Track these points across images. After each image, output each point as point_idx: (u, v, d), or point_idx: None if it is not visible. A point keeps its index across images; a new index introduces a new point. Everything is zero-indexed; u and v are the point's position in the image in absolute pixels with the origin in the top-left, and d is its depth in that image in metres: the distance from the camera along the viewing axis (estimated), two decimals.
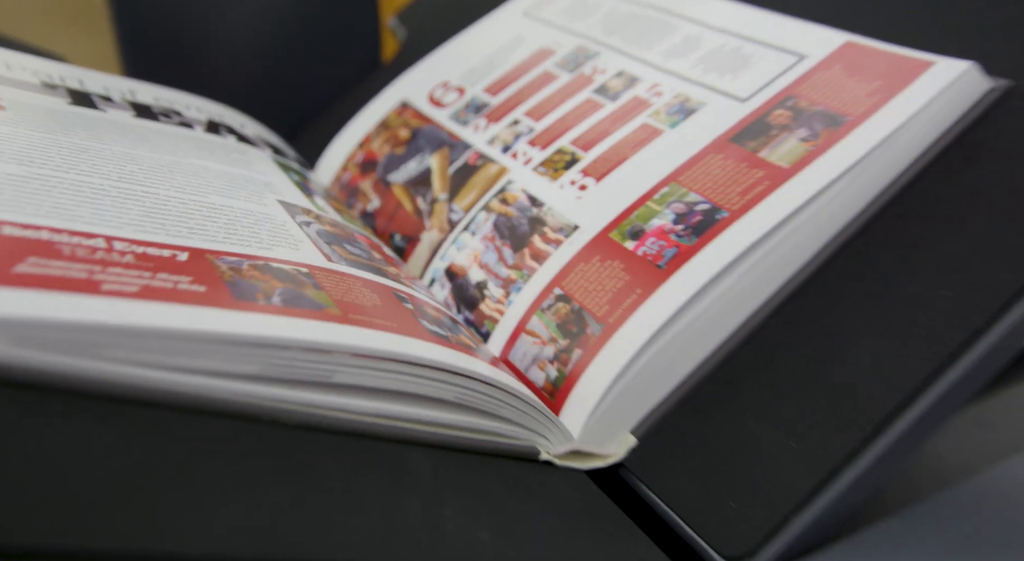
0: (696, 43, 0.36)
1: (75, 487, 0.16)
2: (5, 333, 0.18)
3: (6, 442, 0.16)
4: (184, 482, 0.17)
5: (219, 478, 0.18)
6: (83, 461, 0.17)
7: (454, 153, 0.38)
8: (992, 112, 0.29)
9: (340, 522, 0.19)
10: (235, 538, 0.17)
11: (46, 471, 0.16)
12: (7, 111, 0.29)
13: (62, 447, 0.17)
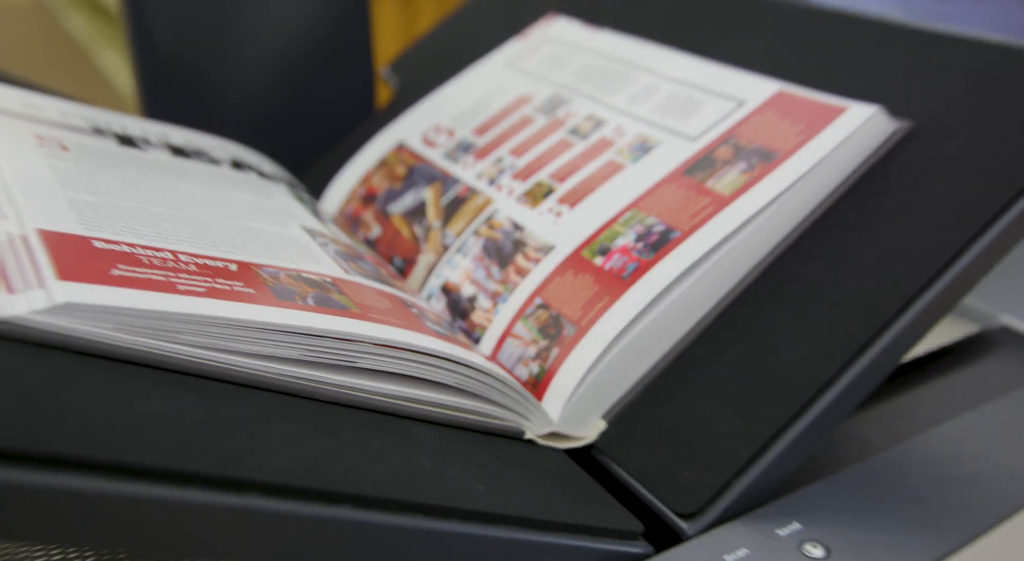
0: (653, 91, 0.42)
1: (164, 433, 0.21)
2: (110, 320, 0.23)
3: (117, 399, 0.21)
4: (246, 434, 0.22)
5: (272, 432, 0.23)
6: (168, 416, 0.22)
7: (446, 187, 0.43)
8: (897, 148, 0.35)
9: (368, 467, 0.24)
10: (288, 471, 0.22)
11: (146, 422, 0.21)
12: (71, 151, 0.34)
13: (154, 407, 0.22)
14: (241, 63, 0.55)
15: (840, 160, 0.35)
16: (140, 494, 0.19)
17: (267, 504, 0.21)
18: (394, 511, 0.23)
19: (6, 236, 0.25)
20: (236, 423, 0.23)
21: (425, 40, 0.60)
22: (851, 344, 0.30)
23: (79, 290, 0.23)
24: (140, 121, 0.42)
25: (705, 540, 0.29)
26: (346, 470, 0.23)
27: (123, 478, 0.19)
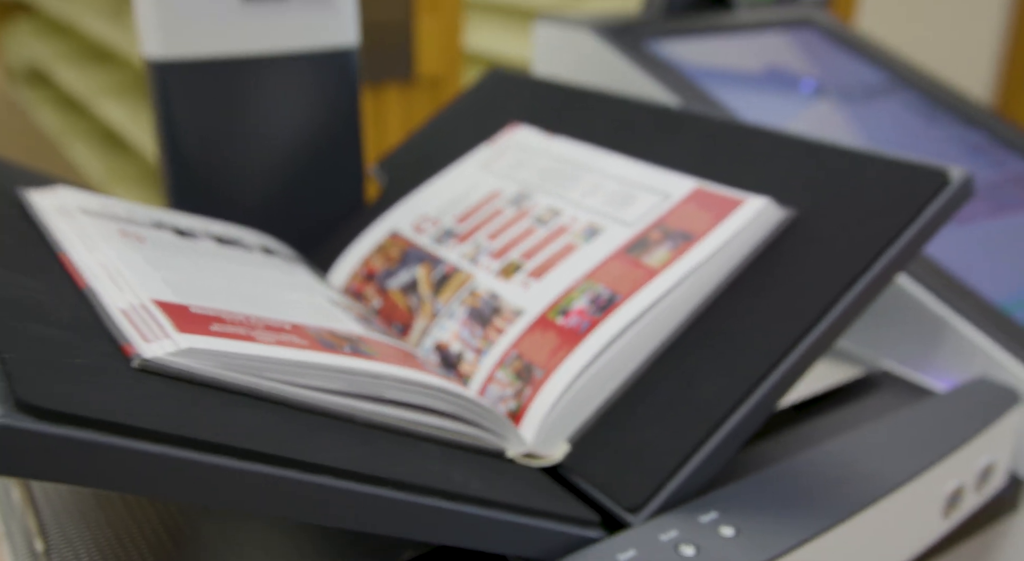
0: (599, 187, 0.53)
1: (263, 433, 0.30)
2: (215, 361, 0.32)
3: (237, 414, 0.30)
4: (308, 438, 0.32)
5: (325, 440, 0.32)
6: (263, 423, 0.31)
7: (435, 266, 0.53)
8: (784, 231, 0.46)
9: (395, 465, 0.33)
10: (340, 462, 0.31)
11: (249, 425, 0.30)
12: (147, 242, 0.44)
13: (252, 418, 0.31)
14: (251, 165, 0.65)
15: (741, 240, 0.46)
16: (250, 469, 0.28)
17: (328, 482, 0.30)
18: (418, 494, 0.32)
19: (130, 304, 0.34)
20: (305, 430, 0.32)
21: (408, 144, 0.71)
22: (751, 378, 0.41)
23: (194, 340, 0.32)
24: (183, 216, 0.52)
25: (645, 526, 0.38)
26: (382, 465, 0.32)
27: (241, 458, 0.28)
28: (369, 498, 0.31)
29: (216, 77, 0.62)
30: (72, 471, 0.25)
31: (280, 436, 0.30)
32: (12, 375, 0.25)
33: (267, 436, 0.29)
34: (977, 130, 0.76)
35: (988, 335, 0.52)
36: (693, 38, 0.82)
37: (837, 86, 0.80)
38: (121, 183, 2.77)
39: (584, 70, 0.78)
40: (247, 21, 0.62)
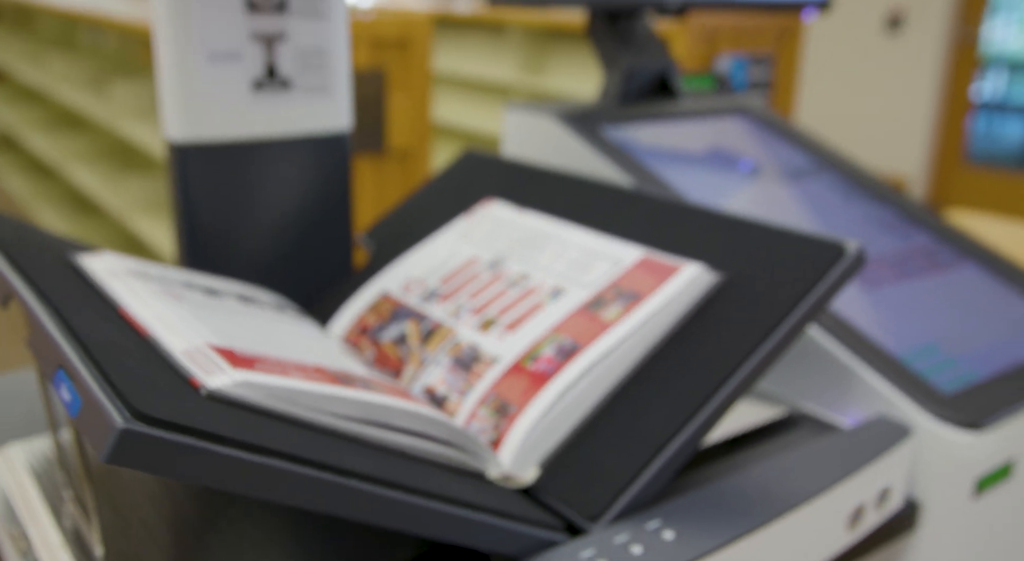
0: (562, 255, 0.63)
1: (304, 445, 0.39)
2: (262, 392, 0.41)
3: (275, 432, 0.39)
4: (338, 451, 0.40)
5: (349, 453, 0.41)
6: (303, 439, 0.39)
7: (422, 322, 0.62)
8: (715, 291, 0.56)
9: (404, 475, 0.42)
10: (365, 469, 0.39)
11: (297, 440, 0.39)
12: (185, 299, 0.52)
13: (294, 438, 0.39)
14: (256, 232, 0.74)
15: (680, 300, 0.55)
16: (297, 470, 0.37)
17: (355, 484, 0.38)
18: (422, 497, 0.41)
19: (190, 347, 0.43)
20: (333, 445, 0.40)
21: (392, 216, 0.80)
22: (686, 413, 0.50)
23: (246, 375, 0.40)
24: (212, 278, 0.60)
25: (602, 532, 0.47)
26: (395, 474, 0.41)
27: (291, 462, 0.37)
28: (386, 499, 0.39)
29: (228, 157, 0.72)
30: (170, 465, 0.33)
31: (317, 447, 0.39)
32: (124, 394, 0.34)
33: (308, 446, 0.38)
34: (887, 207, 0.88)
35: (887, 381, 0.62)
36: (644, 124, 0.93)
37: (770, 167, 0.92)
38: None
39: (549, 152, 0.89)
40: (257, 109, 0.72)
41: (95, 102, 3.09)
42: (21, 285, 0.44)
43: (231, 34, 0.69)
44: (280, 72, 0.72)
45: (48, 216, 3.81)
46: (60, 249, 0.57)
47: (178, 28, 0.67)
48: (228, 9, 0.68)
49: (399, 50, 2.13)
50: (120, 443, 0.31)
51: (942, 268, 0.80)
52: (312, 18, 0.73)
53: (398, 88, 2.12)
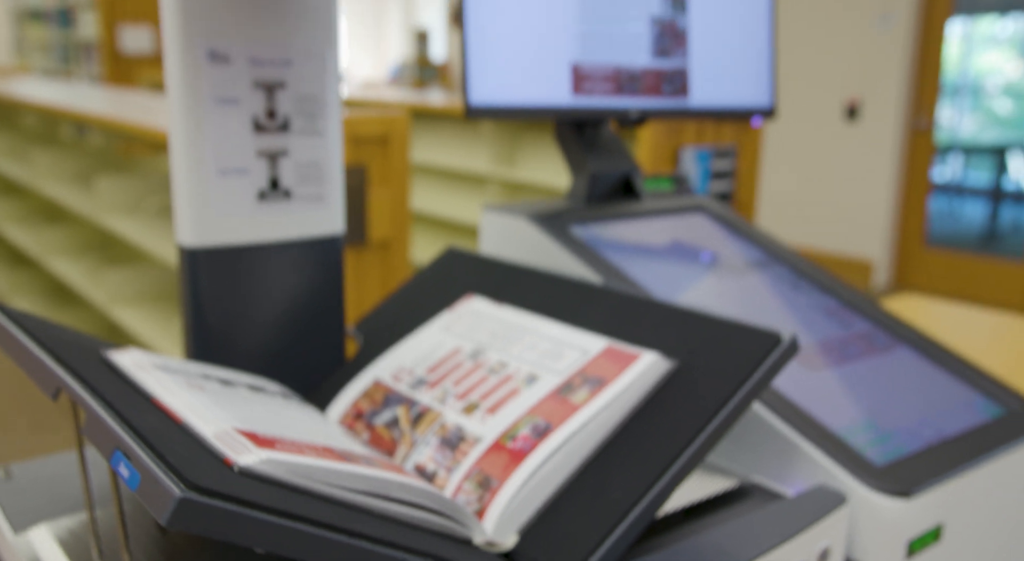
0: (536, 345, 0.71)
1: (321, 511, 0.46)
2: (283, 468, 0.48)
3: (297, 501, 0.46)
4: (348, 517, 0.47)
5: (358, 520, 0.48)
6: (319, 506, 0.46)
7: (411, 407, 0.69)
8: (669, 377, 0.64)
9: (401, 539, 0.48)
10: (375, 533, 0.46)
11: (314, 507, 0.46)
12: (206, 389, 0.59)
13: (312, 506, 0.46)
14: (259, 325, 0.82)
15: (638, 385, 0.63)
16: (317, 533, 0.44)
17: (365, 545, 0.45)
18: (418, 556, 0.48)
19: (219, 431, 0.50)
20: (344, 512, 0.47)
21: (379, 310, 0.88)
22: (646, 483, 0.57)
23: (269, 454, 0.48)
24: (223, 370, 0.67)
25: None
26: (394, 538, 0.48)
27: (314, 526, 0.44)
28: (390, 558, 0.46)
29: (234, 259, 0.80)
30: (218, 527, 0.40)
31: (332, 514, 0.46)
32: (178, 469, 0.41)
33: (324, 513, 0.45)
34: (831, 296, 0.97)
35: (826, 454, 0.70)
36: (610, 222, 1.02)
37: (726, 259, 1.01)
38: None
39: (523, 249, 0.98)
40: (260, 216, 0.80)
41: (78, 196, 3.18)
42: (71, 380, 0.51)
43: (240, 152, 0.78)
44: (282, 183, 0.81)
45: (23, 304, 3.84)
46: (90, 345, 0.64)
47: (193, 147, 0.76)
48: (238, 130, 0.77)
49: (380, 146, 2.24)
50: (178, 510, 0.38)
51: (879, 351, 0.89)
52: (311, 136, 0.82)
53: (378, 182, 2.23)
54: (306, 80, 0.80)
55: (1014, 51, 5.45)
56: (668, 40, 1.11)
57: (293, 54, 0.79)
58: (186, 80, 0.74)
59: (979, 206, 5.79)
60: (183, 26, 0.73)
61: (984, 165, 5.83)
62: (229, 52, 0.75)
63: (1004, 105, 5.61)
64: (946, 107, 5.44)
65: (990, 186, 5.70)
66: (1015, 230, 5.32)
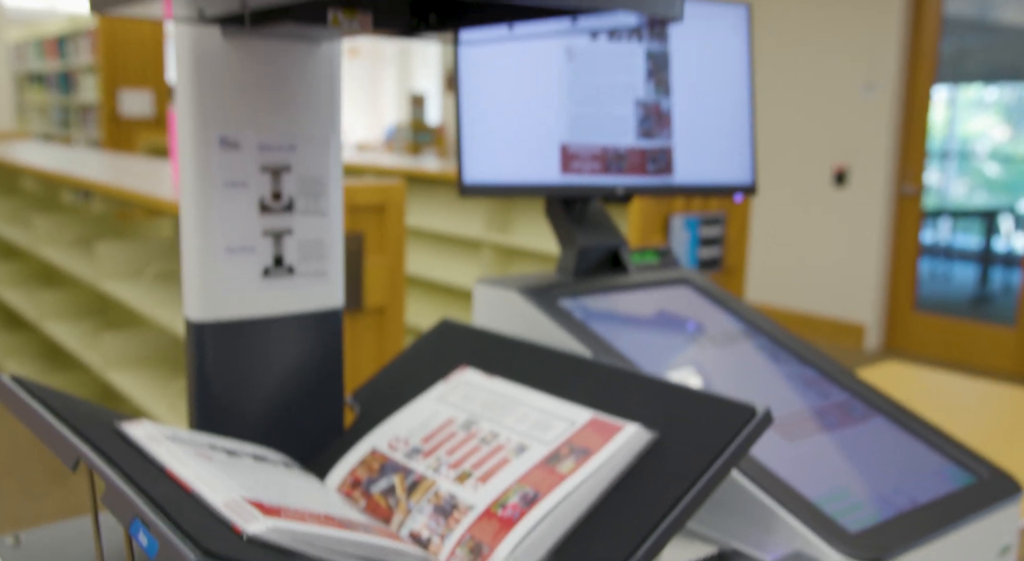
0: (526, 416, 0.75)
1: None
2: (288, 535, 0.51)
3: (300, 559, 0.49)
4: None
5: None
6: None
7: (407, 475, 0.73)
8: (650, 448, 0.68)
9: None
10: None
11: None
12: (214, 460, 0.63)
13: None
14: (263, 395, 0.85)
15: (621, 455, 0.67)
16: None
17: None
18: None
19: (228, 500, 0.53)
20: None
21: (375, 379, 0.92)
22: (629, 549, 0.61)
23: (275, 522, 0.51)
24: (228, 440, 0.71)
25: None
26: None
27: None
28: None
29: (239, 333, 0.84)
30: None
31: None
32: (193, 537, 0.44)
33: None
34: (809, 367, 1.01)
35: (802, 522, 0.74)
36: (598, 295, 1.07)
37: (709, 331, 1.06)
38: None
39: (514, 321, 1.02)
40: (265, 292, 0.85)
41: (78, 260, 3.23)
42: (90, 452, 0.55)
43: (247, 231, 0.82)
44: (286, 260, 0.85)
45: (14, 367, 3.86)
46: (104, 417, 0.67)
47: (203, 227, 0.80)
48: (246, 211, 0.82)
49: (376, 213, 2.30)
50: None
51: (855, 421, 0.93)
52: (314, 215, 0.87)
53: (375, 249, 2.28)
54: (310, 163, 0.86)
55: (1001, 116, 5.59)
56: (653, 122, 1.17)
57: (298, 139, 0.84)
58: (198, 165, 0.79)
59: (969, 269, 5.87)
60: (197, 115, 0.79)
61: (974, 228, 5.93)
62: (239, 139, 0.80)
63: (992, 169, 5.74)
64: (935, 171, 5.56)
65: (980, 249, 5.79)
66: (1005, 293, 5.39)
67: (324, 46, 0.84)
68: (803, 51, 5.43)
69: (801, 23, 5.42)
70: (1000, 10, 5.20)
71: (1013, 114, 5.51)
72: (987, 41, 5.23)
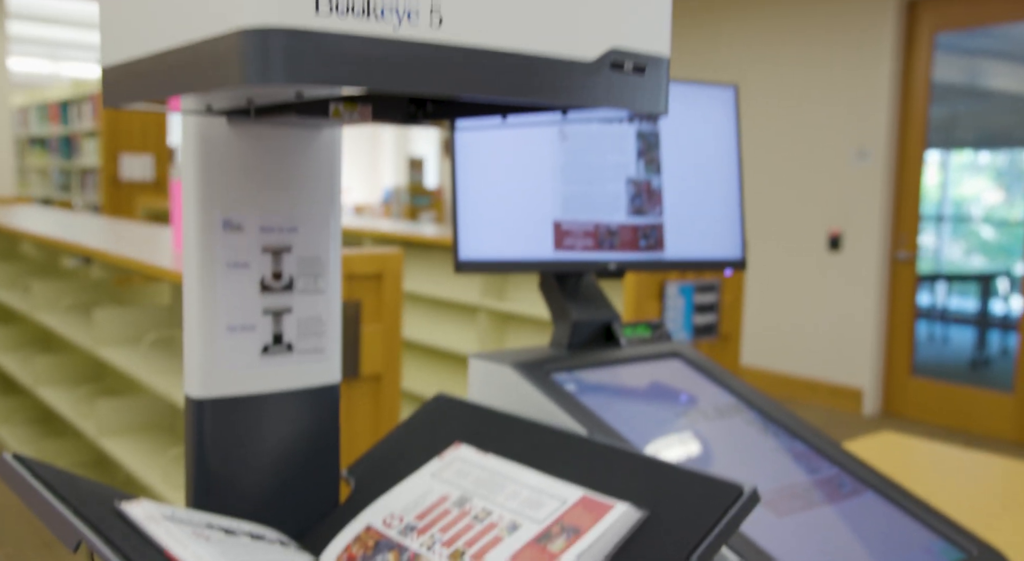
0: (518, 494, 0.76)
1: None
2: None
3: None
4: None
5: None
6: None
7: (401, 552, 0.74)
8: (640, 526, 0.69)
9: None
10: None
11: None
12: (212, 539, 0.64)
13: None
14: (260, 470, 0.87)
15: (611, 533, 0.68)
16: None
17: None
18: None
19: None
20: None
21: (370, 453, 0.94)
22: None
23: None
24: (226, 519, 0.72)
25: None
26: None
27: None
28: None
29: (237, 409, 0.85)
30: None
31: None
32: None
33: None
34: (799, 441, 1.03)
35: None
36: (591, 369, 1.09)
37: (700, 404, 1.07)
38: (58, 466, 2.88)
39: (508, 396, 1.04)
40: (264, 369, 0.86)
41: (75, 326, 3.24)
42: (91, 535, 0.56)
43: (248, 310, 0.85)
44: (285, 338, 0.87)
45: (11, 435, 3.84)
46: (104, 495, 0.69)
47: (206, 306, 0.83)
48: (247, 290, 0.84)
49: (374, 282, 2.32)
50: None
51: (844, 496, 0.94)
52: (313, 293, 0.89)
53: (371, 318, 2.30)
54: (310, 243, 0.88)
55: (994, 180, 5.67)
56: (644, 199, 1.21)
57: (299, 221, 0.87)
58: (202, 247, 0.82)
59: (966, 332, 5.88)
60: (202, 198, 0.82)
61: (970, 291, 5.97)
62: (242, 221, 0.83)
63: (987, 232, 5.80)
64: (930, 233, 5.62)
65: (977, 312, 5.81)
66: (1003, 358, 5.40)
67: (325, 131, 0.87)
68: (795, 118, 5.54)
69: (793, 91, 5.54)
70: (989, 77, 5.32)
71: (1006, 178, 5.60)
72: (978, 107, 5.35)
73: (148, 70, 0.58)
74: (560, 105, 0.63)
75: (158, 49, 0.56)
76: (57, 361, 3.58)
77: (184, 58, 0.53)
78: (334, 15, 0.46)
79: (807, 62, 5.45)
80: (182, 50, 0.53)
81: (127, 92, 0.62)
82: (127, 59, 0.62)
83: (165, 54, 0.55)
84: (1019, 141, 5.07)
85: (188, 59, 0.52)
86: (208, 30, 0.49)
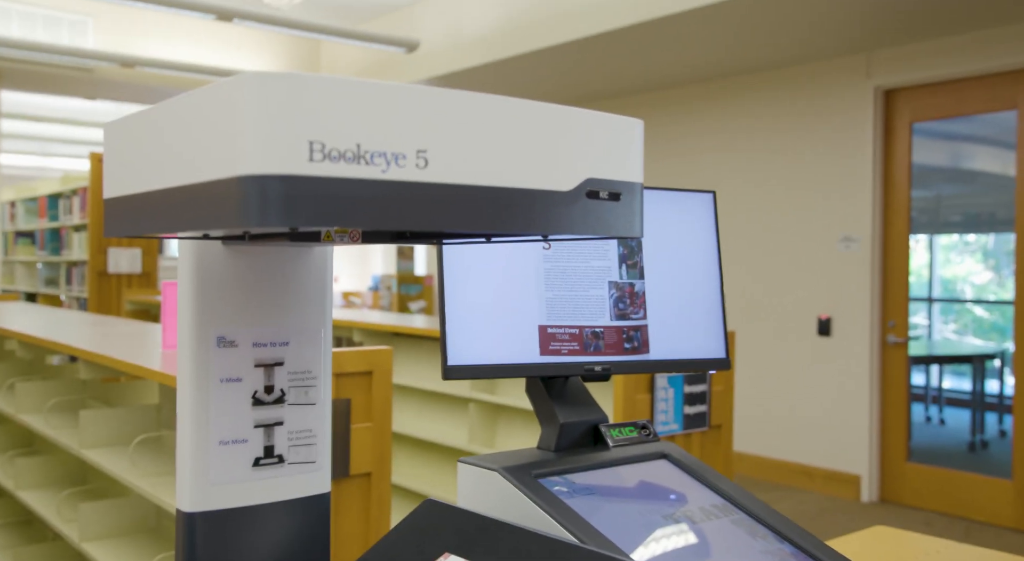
0: None
1: None
2: None
3: None
4: None
5: None
6: None
7: None
8: None
9: None
10: None
11: None
12: None
13: None
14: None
15: None
16: None
17: None
18: None
19: None
20: None
21: None
22: None
23: None
24: None
25: None
26: None
27: None
28: None
29: (229, 520, 0.86)
30: None
31: None
32: None
33: None
34: (787, 543, 1.03)
35: None
36: (578, 472, 1.10)
37: (687, 507, 1.08)
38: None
39: (496, 501, 1.04)
40: (255, 481, 0.88)
41: (60, 428, 3.21)
42: None
43: (240, 424, 0.86)
44: (276, 450, 0.89)
45: None
46: None
47: (198, 421, 0.84)
48: (239, 404, 0.86)
49: (363, 379, 2.33)
50: None
51: None
52: (304, 405, 0.91)
53: (361, 416, 2.30)
54: (302, 357, 0.90)
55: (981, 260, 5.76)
56: (627, 302, 1.24)
57: (291, 335, 0.90)
58: (196, 363, 0.84)
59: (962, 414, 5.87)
60: (197, 315, 0.84)
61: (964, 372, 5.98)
62: (236, 338, 0.85)
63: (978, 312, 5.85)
64: (921, 315, 5.67)
65: (971, 394, 5.81)
66: (1000, 441, 5.37)
67: (317, 249, 0.90)
68: (782, 206, 5.65)
69: (779, 179, 5.66)
70: (971, 160, 5.46)
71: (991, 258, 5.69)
72: (962, 189, 5.47)
73: (149, 205, 0.61)
74: (539, 233, 0.67)
75: (160, 187, 0.60)
76: (41, 463, 3.54)
77: (185, 197, 0.56)
78: (326, 162, 0.50)
79: (791, 152, 5.59)
80: (183, 190, 0.56)
81: (129, 225, 0.65)
82: (129, 193, 0.65)
83: (167, 192, 0.59)
84: (1004, 221, 5.17)
85: (189, 199, 0.55)
86: (209, 174, 0.53)
